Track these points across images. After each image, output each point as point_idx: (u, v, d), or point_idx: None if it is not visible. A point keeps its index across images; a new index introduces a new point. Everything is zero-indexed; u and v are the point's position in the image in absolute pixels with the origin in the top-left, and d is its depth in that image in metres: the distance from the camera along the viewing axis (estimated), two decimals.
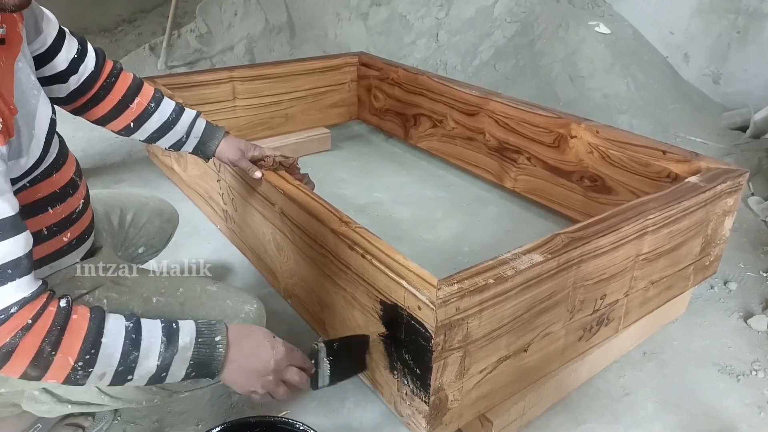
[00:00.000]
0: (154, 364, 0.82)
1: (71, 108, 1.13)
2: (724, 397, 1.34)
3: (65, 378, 0.77)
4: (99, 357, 0.78)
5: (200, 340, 0.85)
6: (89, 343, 0.77)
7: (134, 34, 4.47)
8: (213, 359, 0.87)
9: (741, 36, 2.89)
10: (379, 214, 2.11)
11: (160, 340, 0.83)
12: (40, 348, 0.74)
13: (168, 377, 0.85)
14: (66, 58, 1.05)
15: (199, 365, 0.86)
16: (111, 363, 0.79)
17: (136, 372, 0.82)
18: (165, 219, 1.38)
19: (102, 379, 0.80)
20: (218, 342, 0.86)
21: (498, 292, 0.98)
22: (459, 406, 1.05)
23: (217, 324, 0.88)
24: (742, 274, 1.80)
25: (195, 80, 2.28)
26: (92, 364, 0.78)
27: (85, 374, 0.78)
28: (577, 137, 1.83)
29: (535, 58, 3.19)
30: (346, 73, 2.71)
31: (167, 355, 0.83)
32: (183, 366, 0.85)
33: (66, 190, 0.95)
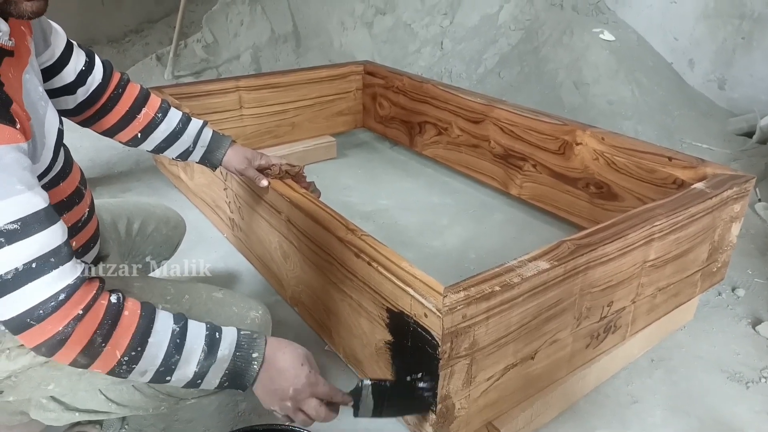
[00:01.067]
0: (192, 371, 0.84)
1: (79, 120, 1.14)
2: (733, 404, 1.33)
3: (110, 369, 0.80)
4: (144, 355, 0.80)
5: (238, 353, 0.86)
6: (137, 341, 0.79)
7: (141, 44, 4.51)
8: (246, 373, 0.87)
9: (746, 41, 2.89)
10: (385, 222, 2.12)
11: (201, 348, 0.84)
12: (92, 339, 0.76)
13: (203, 384, 0.86)
14: (74, 69, 1.06)
15: (233, 377, 0.87)
16: (154, 363, 0.81)
17: (174, 374, 0.83)
18: (172, 227, 1.39)
19: (143, 376, 0.82)
20: (255, 359, 0.87)
21: (505, 300, 0.98)
22: (466, 414, 1.05)
23: (257, 339, 0.89)
24: (750, 280, 1.79)
25: (202, 90, 2.30)
26: (137, 361, 0.80)
27: (128, 369, 0.80)
28: (582, 144, 1.83)
29: (540, 65, 3.20)
30: (351, 81, 2.73)
31: (205, 364, 0.84)
32: (218, 375, 0.86)
33: (72, 198, 0.96)
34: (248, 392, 0.90)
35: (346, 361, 1.32)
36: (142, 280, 1.08)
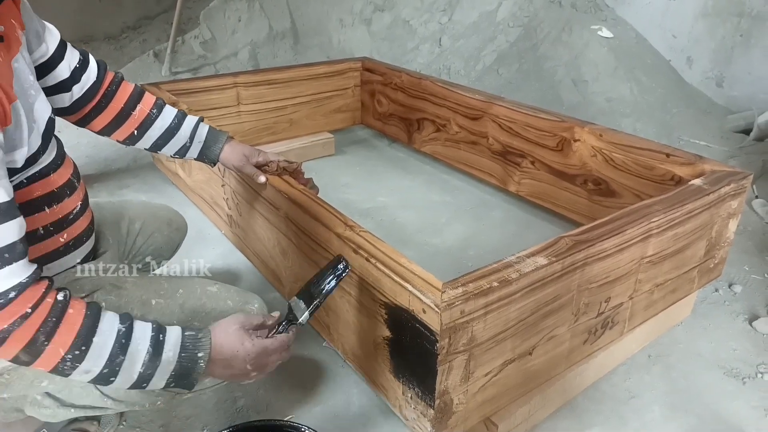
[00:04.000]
0: (138, 371, 0.83)
1: (76, 119, 1.15)
2: (731, 400, 1.34)
3: (53, 367, 0.79)
4: (88, 354, 0.79)
5: (183, 354, 0.86)
6: (81, 340, 0.78)
7: (139, 40, 4.49)
8: (192, 373, 0.87)
9: (744, 39, 2.89)
10: (384, 219, 2.12)
11: (146, 350, 0.83)
12: (34, 337, 0.75)
13: (149, 386, 0.86)
14: (68, 66, 1.07)
15: (179, 377, 0.87)
16: (98, 363, 0.80)
17: (119, 376, 0.82)
18: (174, 228, 1.39)
19: (86, 375, 0.81)
20: (200, 358, 0.87)
21: (503, 295, 0.98)
22: (464, 409, 1.05)
23: (202, 338, 0.88)
24: (747, 276, 1.80)
25: (199, 86, 2.29)
26: (81, 360, 0.79)
27: (72, 367, 0.79)
28: (580, 141, 1.84)
29: (539, 63, 3.20)
30: (349, 78, 2.73)
31: (150, 365, 0.83)
32: (164, 377, 0.85)
33: (63, 190, 0.96)
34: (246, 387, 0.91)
35: (344, 358, 1.33)
36: (136, 276, 1.07)
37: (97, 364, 0.80)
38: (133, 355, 0.82)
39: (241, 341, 0.90)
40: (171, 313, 0.99)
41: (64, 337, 0.77)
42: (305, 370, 1.40)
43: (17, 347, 0.75)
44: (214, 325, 0.92)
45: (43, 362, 0.78)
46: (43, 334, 0.76)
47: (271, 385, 1.35)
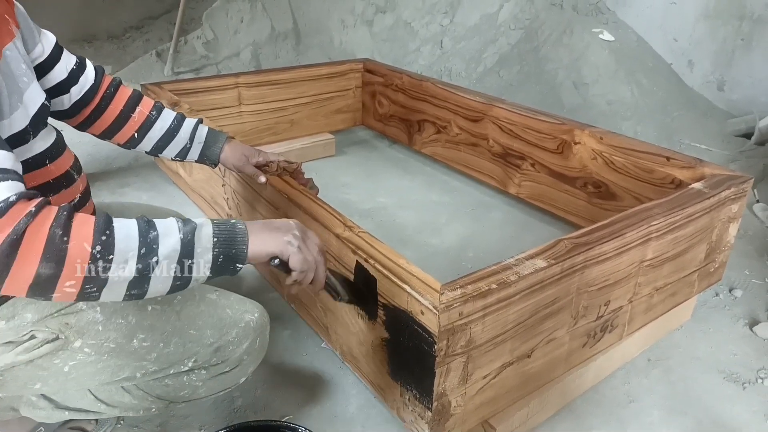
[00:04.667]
0: (177, 239, 0.75)
1: (76, 122, 1.16)
2: (731, 404, 1.33)
3: (86, 272, 0.69)
4: (116, 239, 0.71)
5: (215, 221, 0.81)
6: (101, 226, 0.71)
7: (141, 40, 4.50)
8: (236, 234, 0.80)
9: (746, 42, 2.89)
10: (384, 219, 2.11)
11: (175, 222, 0.77)
12: (51, 233, 0.67)
13: (197, 256, 0.76)
14: (65, 68, 1.08)
15: (224, 244, 0.78)
16: (131, 245, 0.72)
17: (159, 252, 0.73)
18: None
19: (127, 268, 0.71)
20: (236, 222, 0.82)
21: (501, 298, 0.98)
22: (462, 412, 1.05)
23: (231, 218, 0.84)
24: (748, 281, 1.79)
25: (201, 86, 2.29)
26: (111, 249, 0.70)
27: (105, 264, 0.70)
28: (580, 143, 1.83)
29: (540, 65, 3.20)
30: (350, 79, 2.73)
31: (187, 230, 0.76)
32: (207, 245, 0.77)
33: (60, 182, 0.95)
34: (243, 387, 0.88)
35: (342, 359, 1.32)
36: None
37: (130, 246, 0.71)
38: (165, 228, 0.75)
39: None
40: (167, 320, 0.97)
41: (82, 229, 0.69)
42: (303, 371, 1.40)
43: (36, 252, 0.66)
44: None
45: (72, 266, 0.68)
46: (59, 227, 0.67)
47: (269, 385, 1.34)
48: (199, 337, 0.97)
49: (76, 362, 0.93)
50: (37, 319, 0.90)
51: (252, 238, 0.81)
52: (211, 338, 0.97)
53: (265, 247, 0.82)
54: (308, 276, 0.88)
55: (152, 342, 0.94)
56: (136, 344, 0.93)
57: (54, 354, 0.92)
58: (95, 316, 0.92)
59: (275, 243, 0.83)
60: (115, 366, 0.94)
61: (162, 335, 0.95)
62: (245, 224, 0.82)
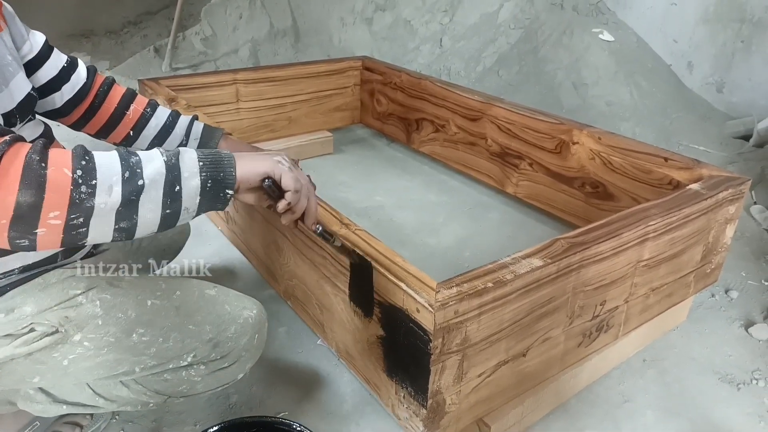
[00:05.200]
0: (161, 162, 0.72)
1: (71, 121, 1.16)
2: (725, 405, 1.34)
3: (70, 199, 0.65)
4: (96, 164, 0.68)
5: (202, 149, 0.79)
6: (79, 153, 0.68)
7: (139, 36, 4.49)
8: (222, 157, 0.77)
9: (745, 45, 2.89)
10: (381, 218, 2.11)
11: (156, 149, 0.75)
12: (27, 159, 0.64)
13: (184, 181, 0.73)
14: (56, 65, 1.08)
15: (211, 165, 0.76)
16: (113, 169, 0.68)
17: (144, 175, 0.70)
18: (178, 231, 1.39)
19: (112, 193, 0.67)
20: (218, 144, 0.82)
21: (497, 296, 0.98)
22: (457, 410, 1.05)
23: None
24: (744, 282, 1.80)
25: (199, 82, 2.29)
26: (92, 174, 0.67)
27: (89, 189, 0.66)
28: (579, 143, 1.83)
29: (539, 65, 3.20)
30: (349, 77, 2.72)
31: (170, 154, 0.73)
32: (194, 170, 0.74)
33: None
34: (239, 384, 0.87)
35: (338, 356, 1.32)
36: (136, 273, 1.07)
37: (113, 170, 0.68)
38: (146, 155, 0.72)
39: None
40: (166, 315, 0.97)
41: (60, 157, 0.66)
42: (298, 368, 1.40)
43: (14, 177, 0.63)
44: None
45: (54, 193, 0.64)
46: (36, 154, 0.64)
47: (264, 382, 1.34)
48: (197, 332, 0.97)
49: (75, 356, 0.93)
50: (36, 312, 0.90)
51: (240, 162, 0.79)
52: (209, 334, 0.97)
53: (255, 168, 0.80)
54: (302, 201, 0.85)
55: (151, 337, 0.94)
56: (135, 339, 0.93)
57: (53, 347, 0.92)
58: (95, 310, 0.92)
59: (265, 163, 0.81)
60: (114, 360, 0.94)
61: (161, 330, 0.95)
62: (230, 154, 0.80)
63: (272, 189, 0.83)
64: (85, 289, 0.95)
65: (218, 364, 0.99)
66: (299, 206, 0.86)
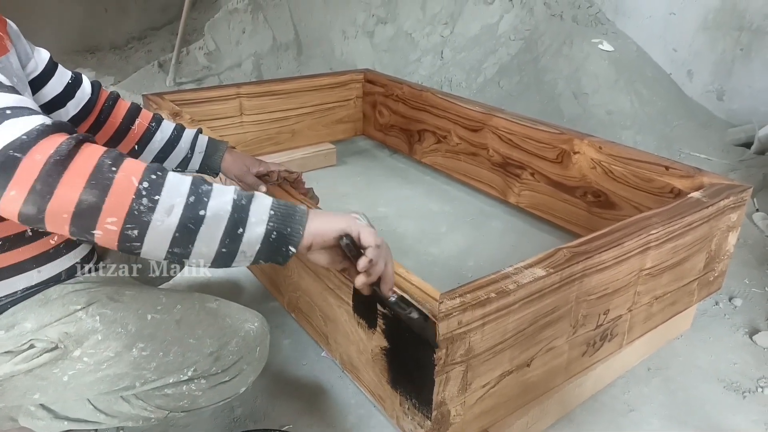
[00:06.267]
0: (230, 199, 0.71)
1: None
2: (731, 413, 1.33)
3: (129, 207, 0.65)
4: (166, 182, 0.67)
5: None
6: (153, 167, 0.68)
7: (144, 51, 4.54)
8: (295, 213, 0.75)
9: (744, 53, 2.91)
10: (384, 229, 2.12)
11: (233, 187, 0.74)
12: (100, 161, 0.65)
13: (246, 230, 0.71)
14: (60, 82, 1.09)
15: (280, 220, 0.74)
16: (180, 191, 0.68)
17: (209, 206, 0.69)
18: None
19: (171, 214, 0.67)
20: (297, 205, 0.77)
21: (500, 306, 0.98)
22: (461, 421, 1.05)
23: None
24: (748, 290, 1.79)
25: (203, 96, 2.31)
26: (159, 189, 0.66)
27: (150, 204, 0.66)
28: (580, 153, 1.84)
29: (540, 75, 3.21)
30: (351, 89, 2.75)
31: (243, 194, 0.73)
32: (263, 217, 0.72)
33: None
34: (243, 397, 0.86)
35: (342, 368, 1.32)
36: (135, 288, 1.06)
37: (180, 192, 0.67)
38: (221, 187, 0.71)
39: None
40: (167, 329, 0.96)
41: (133, 165, 0.66)
42: (303, 380, 1.40)
43: (83, 175, 0.63)
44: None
45: (116, 198, 0.64)
46: (109, 159, 0.65)
47: (269, 394, 1.35)
48: (198, 346, 0.96)
49: (76, 372, 0.93)
50: (36, 328, 0.90)
51: (313, 219, 0.76)
52: (210, 347, 0.97)
53: (331, 224, 0.77)
54: (380, 263, 0.80)
55: (152, 351, 0.94)
56: (136, 353, 0.93)
57: (53, 363, 0.92)
58: (95, 325, 0.92)
59: (342, 220, 0.78)
60: (114, 375, 0.94)
61: (162, 344, 0.95)
62: (306, 208, 0.77)
63: (350, 247, 0.79)
64: (85, 305, 0.95)
65: (220, 378, 0.99)
66: (377, 268, 0.81)
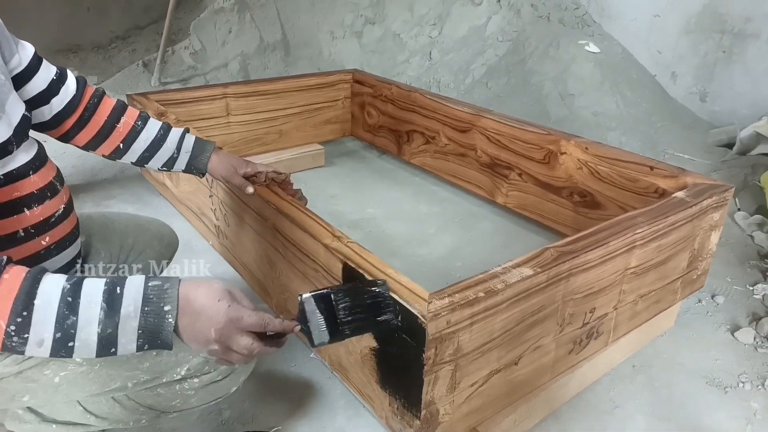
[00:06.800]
0: (95, 332, 0.73)
1: (59, 134, 1.15)
2: (713, 409, 1.35)
3: (1, 344, 0.70)
4: (32, 321, 0.70)
5: (147, 308, 0.75)
6: (20, 305, 0.70)
7: (128, 50, 4.49)
8: (163, 330, 0.76)
9: (726, 55, 2.95)
10: (373, 230, 2.12)
11: (99, 306, 0.73)
12: None
13: (118, 350, 0.75)
14: (45, 78, 1.07)
15: (150, 337, 0.76)
16: (46, 329, 0.71)
17: (77, 339, 0.72)
18: (165, 244, 1.38)
19: (41, 347, 0.71)
20: (168, 312, 0.76)
21: (488, 306, 0.99)
22: (450, 420, 1.06)
23: (168, 288, 0.77)
24: (729, 287, 1.82)
25: (188, 96, 2.30)
26: (26, 329, 0.70)
27: (21, 340, 0.70)
28: (566, 153, 1.86)
29: (527, 77, 3.24)
30: (339, 90, 2.75)
31: (108, 323, 0.73)
32: (132, 338, 0.75)
33: (44, 192, 0.95)
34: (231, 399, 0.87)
35: (331, 369, 1.33)
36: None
37: (46, 329, 0.71)
38: (86, 314, 0.72)
39: (216, 298, 0.78)
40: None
41: (1, 305, 0.69)
42: (292, 382, 1.40)
43: None
44: (191, 278, 0.83)
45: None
46: None
47: (257, 396, 1.34)
48: None
49: (67, 373, 0.92)
50: None
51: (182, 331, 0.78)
52: None
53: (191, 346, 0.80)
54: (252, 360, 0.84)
55: None
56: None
57: (44, 365, 0.91)
58: None
59: (197, 347, 0.80)
60: (106, 376, 0.93)
61: None
62: (176, 308, 0.76)
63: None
64: None
65: (212, 377, 0.99)
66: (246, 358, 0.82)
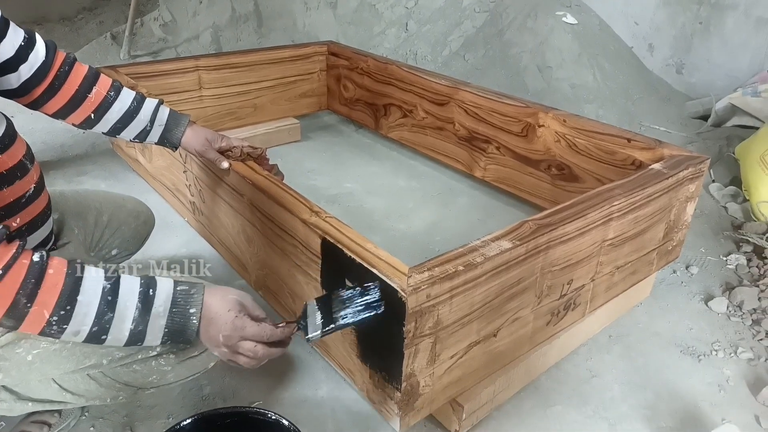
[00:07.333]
0: (128, 329, 0.82)
1: (28, 101, 1.10)
2: (687, 377, 1.39)
3: (40, 331, 0.78)
4: (74, 315, 0.78)
5: (175, 310, 0.85)
6: (64, 300, 0.77)
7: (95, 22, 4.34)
8: (187, 330, 0.87)
9: (703, 27, 2.96)
10: (351, 205, 2.11)
11: (135, 305, 0.82)
12: (15, 299, 0.75)
13: (145, 342, 0.85)
14: (12, 44, 1.01)
15: (174, 334, 0.87)
16: (85, 322, 0.79)
17: (110, 333, 0.82)
18: (141, 222, 1.36)
19: (77, 336, 0.80)
20: (193, 314, 0.86)
21: (468, 279, 0.99)
22: (430, 391, 1.06)
23: (195, 294, 0.87)
24: (703, 258, 1.86)
25: (159, 69, 2.23)
26: (67, 321, 0.78)
27: (59, 330, 0.78)
28: (544, 126, 1.86)
29: (504, 49, 3.21)
30: (315, 62, 2.69)
31: (140, 321, 0.83)
32: (158, 334, 0.85)
33: (14, 172, 0.92)
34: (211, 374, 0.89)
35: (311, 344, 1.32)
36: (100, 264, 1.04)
37: (85, 323, 0.79)
38: (122, 312, 0.81)
39: (227, 308, 0.88)
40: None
41: (47, 299, 0.76)
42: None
43: (2, 307, 0.74)
44: (212, 285, 0.92)
45: (29, 326, 0.77)
46: (24, 296, 0.75)
47: (237, 372, 1.33)
48: None
49: (40, 350, 0.91)
50: None
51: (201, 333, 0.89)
52: None
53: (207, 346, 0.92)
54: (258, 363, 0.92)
55: None
56: None
57: (16, 343, 0.90)
58: None
59: (211, 348, 0.92)
60: (80, 353, 0.92)
61: None
62: (200, 312, 0.87)
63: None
64: None
65: (189, 353, 0.97)
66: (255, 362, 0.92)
